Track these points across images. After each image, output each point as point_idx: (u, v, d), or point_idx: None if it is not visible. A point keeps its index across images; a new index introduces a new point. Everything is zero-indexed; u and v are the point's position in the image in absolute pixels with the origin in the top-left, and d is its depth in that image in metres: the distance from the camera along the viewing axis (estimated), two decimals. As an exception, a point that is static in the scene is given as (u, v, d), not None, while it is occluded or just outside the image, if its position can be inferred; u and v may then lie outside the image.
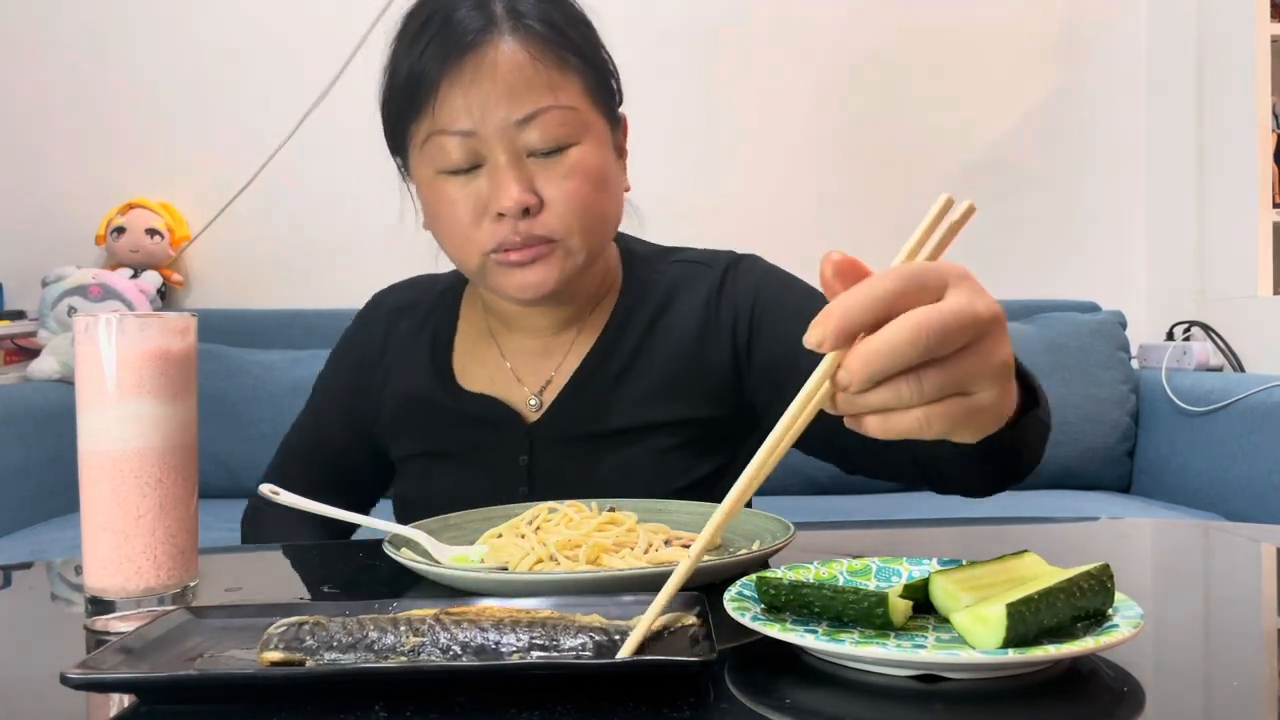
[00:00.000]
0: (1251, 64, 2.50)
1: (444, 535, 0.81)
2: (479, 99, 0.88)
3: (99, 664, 0.50)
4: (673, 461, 0.98)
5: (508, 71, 0.88)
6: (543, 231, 0.91)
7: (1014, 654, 0.49)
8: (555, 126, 0.90)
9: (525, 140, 0.89)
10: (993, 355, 0.54)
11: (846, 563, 0.65)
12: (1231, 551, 0.96)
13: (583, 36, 0.94)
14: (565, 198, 0.90)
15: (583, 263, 0.95)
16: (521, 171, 0.89)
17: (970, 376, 0.53)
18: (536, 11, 0.91)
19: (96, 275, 2.48)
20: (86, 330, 0.64)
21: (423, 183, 0.95)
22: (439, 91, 0.89)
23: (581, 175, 0.91)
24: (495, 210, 0.90)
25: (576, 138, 0.91)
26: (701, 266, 1.05)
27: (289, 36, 2.72)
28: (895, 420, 0.53)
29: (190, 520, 0.66)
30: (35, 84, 2.71)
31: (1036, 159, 2.88)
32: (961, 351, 0.52)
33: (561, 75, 0.90)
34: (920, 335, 0.50)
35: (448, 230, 0.94)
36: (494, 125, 0.89)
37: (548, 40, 0.90)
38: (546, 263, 0.92)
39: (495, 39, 0.89)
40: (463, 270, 0.98)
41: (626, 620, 0.56)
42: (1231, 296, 2.60)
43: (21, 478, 2.09)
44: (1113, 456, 2.43)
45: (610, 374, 1.00)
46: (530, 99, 0.89)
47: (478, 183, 0.91)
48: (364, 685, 0.49)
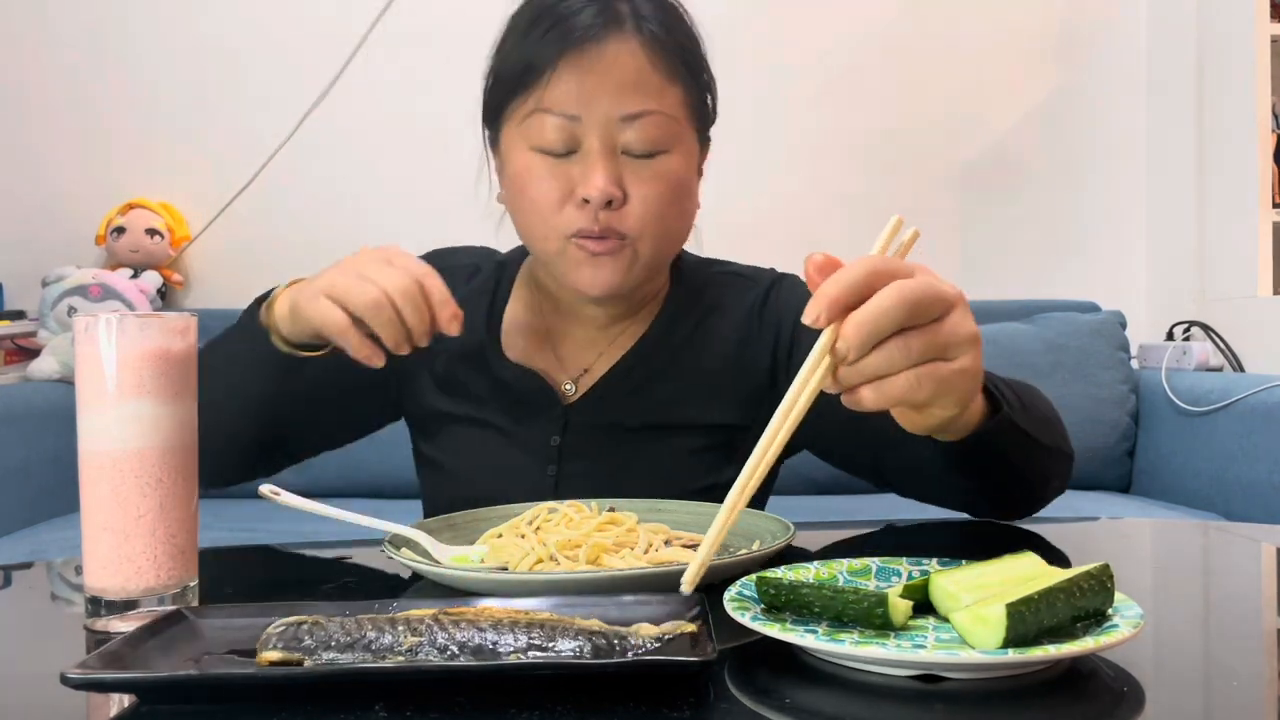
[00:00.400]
0: (1251, 64, 2.50)
1: (444, 535, 0.81)
2: (590, 87, 0.91)
3: (99, 664, 0.50)
4: (699, 463, 1.01)
5: (623, 69, 0.91)
6: (620, 227, 0.93)
7: (1014, 654, 0.49)
8: (654, 130, 0.93)
9: (623, 137, 0.92)
10: (963, 325, 0.63)
11: (846, 563, 0.65)
12: (1231, 551, 0.96)
13: (693, 53, 0.98)
14: (647, 200, 0.93)
15: (647, 268, 0.98)
16: (613, 165, 0.92)
17: (948, 342, 0.62)
18: (658, 20, 0.95)
19: (96, 275, 2.48)
20: (86, 330, 0.64)
21: (513, 156, 0.96)
22: (554, 72, 0.91)
23: (666, 182, 0.94)
24: (581, 195, 0.92)
25: (669, 146, 0.94)
26: (746, 280, 1.09)
27: (289, 36, 2.72)
28: (888, 386, 0.61)
29: (190, 520, 0.66)
30: (35, 84, 2.71)
31: (1037, 159, 2.88)
32: (937, 322, 0.62)
33: (670, 84, 0.94)
34: (903, 299, 0.60)
35: (530, 207, 0.95)
36: (598, 115, 0.92)
37: (664, 48, 0.94)
38: (616, 260, 0.94)
39: (617, 35, 0.92)
40: (537, 250, 0.99)
41: (626, 621, 0.56)
42: (1231, 296, 2.60)
43: (21, 478, 2.09)
44: (1113, 456, 2.43)
45: (650, 370, 1.03)
46: (638, 99, 0.92)
47: (568, 167, 0.93)
48: (364, 685, 0.49)
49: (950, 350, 0.63)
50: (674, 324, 1.05)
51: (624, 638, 0.52)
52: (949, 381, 0.63)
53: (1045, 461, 0.87)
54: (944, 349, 0.62)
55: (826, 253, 0.62)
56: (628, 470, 0.99)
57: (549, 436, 1.01)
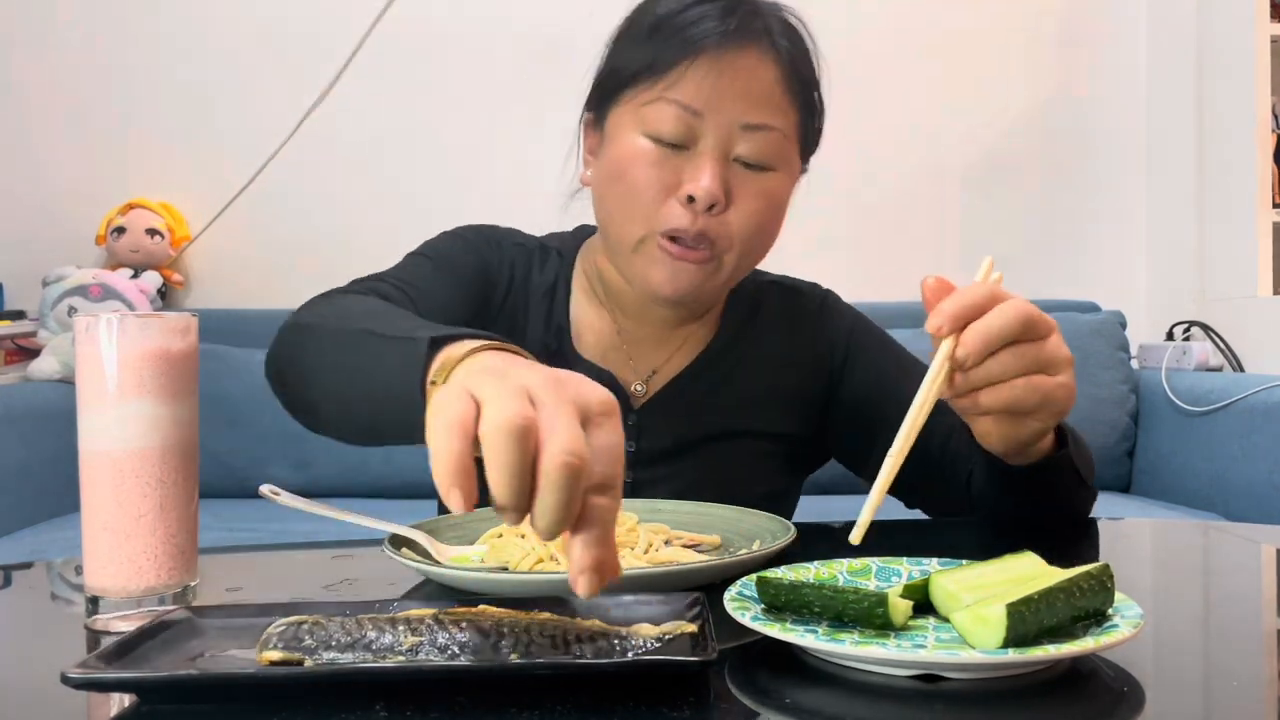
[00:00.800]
0: (1251, 64, 2.50)
1: (444, 535, 0.81)
2: (721, 89, 0.91)
3: (99, 664, 0.50)
4: (758, 468, 1.03)
5: (755, 79, 0.92)
6: (714, 234, 0.93)
7: (1014, 654, 0.49)
8: (768, 146, 0.93)
9: (739, 146, 0.93)
10: (1062, 347, 0.74)
11: (846, 563, 0.65)
12: (1231, 551, 0.96)
13: (814, 81, 1.00)
14: (747, 211, 0.93)
15: (726, 282, 0.98)
16: (724, 169, 0.93)
17: (1052, 359, 0.72)
18: (789, 38, 0.96)
19: (97, 275, 2.47)
20: (87, 330, 0.64)
21: (620, 137, 0.95)
22: (690, 66, 0.91)
23: (768, 199, 0.95)
24: (688, 193, 0.91)
25: (778, 164, 0.95)
26: (797, 293, 1.12)
27: (289, 37, 2.72)
28: (1003, 390, 0.71)
29: (190, 520, 0.66)
30: (35, 84, 2.71)
31: (1037, 159, 2.87)
32: (1041, 341, 0.72)
33: (791, 105, 0.95)
34: (1017, 316, 0.70)
35: (628, 191, 0.93)
36: (721, 118, 0.92)
37: (795, 70, 0.96)
38: (700, 269, 0.94)
39: (757, 47, 0.93)
40: (616, 237, 0.97)
41: (627, 621, 0.56)
42: (1231, 296, 2.60)
43: (21, 478, 2.09)
44: (1113, 456, 2.43)
45: (718, 375, 1.05)
46: (762, 112, 0.93)
47: (678, 160, 0.92)
48: (364, 685, 0.49)
49: (1052, 367, 0.72)
50: (740, 331, 1.07)
51: (624, 638, 0.52)
52: (1052, 394, 0.73)
53: (1085, 498, 0.94)
54: (1048, 364, 0.72)
55: (940, 276, 0.71)
56: (698, 475, 1.00)
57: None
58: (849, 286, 1.21)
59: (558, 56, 2.85)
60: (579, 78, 1.02)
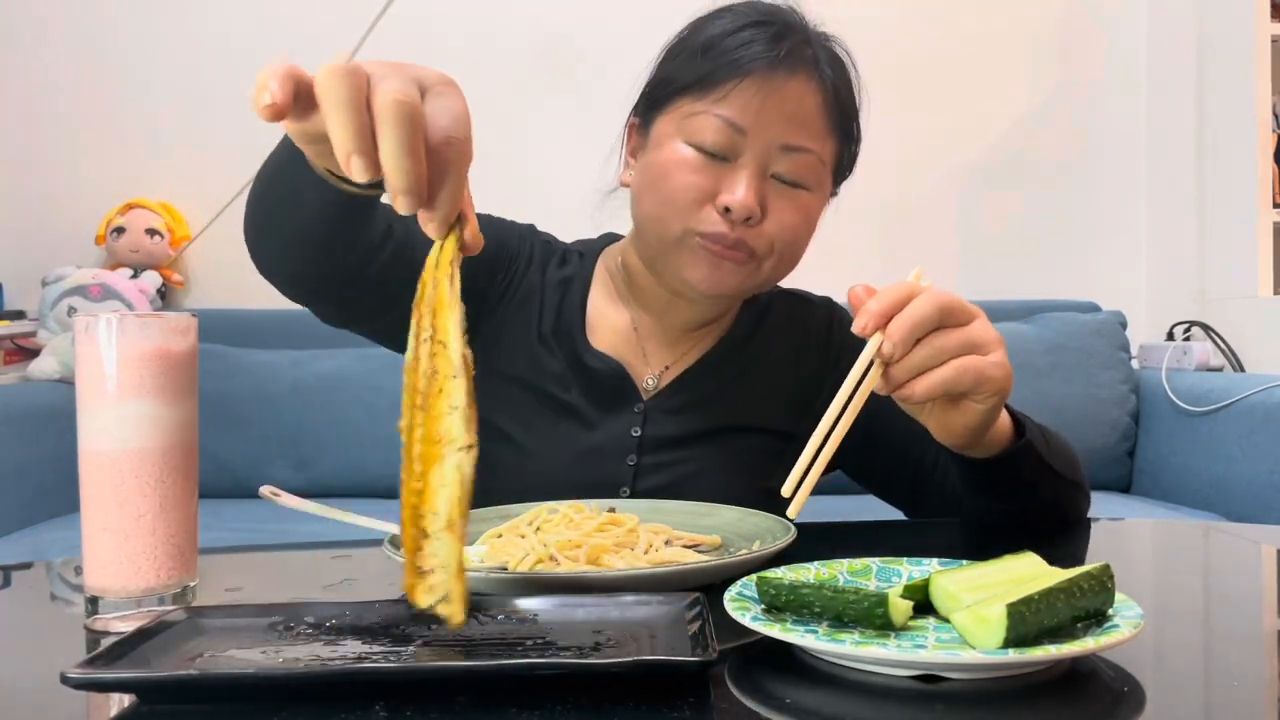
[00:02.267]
0: (1251, 64, 2.50)
1: (444, 535, 0.81)
2: (769, 110, 0.95)
3: (99, 664, 0.50)
4: (761, 463, 1.05)
5: (800, 104, 0.96)
6: (751, 243, 0.96)
7: (1014, 654, 0.49)
8: (805, 167, 0.98)
9: (777, 165, 0.97)
10: (988, 329, 0.76)
11: (847, 563, 0.65)
12: (1231, 551, 0.96)
13: (855, 113, 1.04)
14: (782, 224, 0.97)
15: (757, 288, 1.03)
16: (762, 185, 0.96)
17: (978, 339, 0.75)
18: (839, 77, 1.01)
19: (96, 275, 2.47)
20: (86, 330, 0.64)
21: (665, 143, 0.98)
22: (741, 83, 0.95)
23: (802, 215, 0.99)
24: (725, 203, 0.95)
25: (813, 185, 0.99)
26: (806, 302, 1.17)
27: (289, 36, 2.72)
28: (934, 375, 0.73)
29: (190, 520, 0.66)
30: (35, 84, 2.71)
31: (1037, 159, 2.87)
32: (966, 325, 0.75)
33: (830, 134, 1.00)
34: (936, 304, 0.73)
35: (668, 193, 0.97)
36: (764, 136, 0.95)
37: (837, 99, 1.00)
38: (740, 269, 0.98)
39: (806, 74, 0.97)
40: (655, 236, 0.99)
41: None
42: (1232, 296, 2.60)
43: (21, 478, 2.09)
44: (1113, 456, 2.43)
45: (728, 373, 1.08)
46: (804, 135, 0.97)
47: (718, 171, 0.96)
48: (364, 685, 0.49)
49: (981, 348, 0.75)
50: (750, 333, 1.11)
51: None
52: (985, 372, 0.75)
53: (1067, 493, 0.95)
54: (976, 345, 0.75)
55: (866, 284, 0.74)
56: (701, 464, 1.04)
57: (630, 428, 1.04)
58: (848, 286, 1.21)
59: (559, 56, 2.86)
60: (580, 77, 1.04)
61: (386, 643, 0.55)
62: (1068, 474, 0.94)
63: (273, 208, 0.86)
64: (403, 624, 0.58)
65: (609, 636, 0.55)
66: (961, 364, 0.74)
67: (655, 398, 1.06)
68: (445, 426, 0.53)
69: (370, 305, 0.96)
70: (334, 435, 2.33)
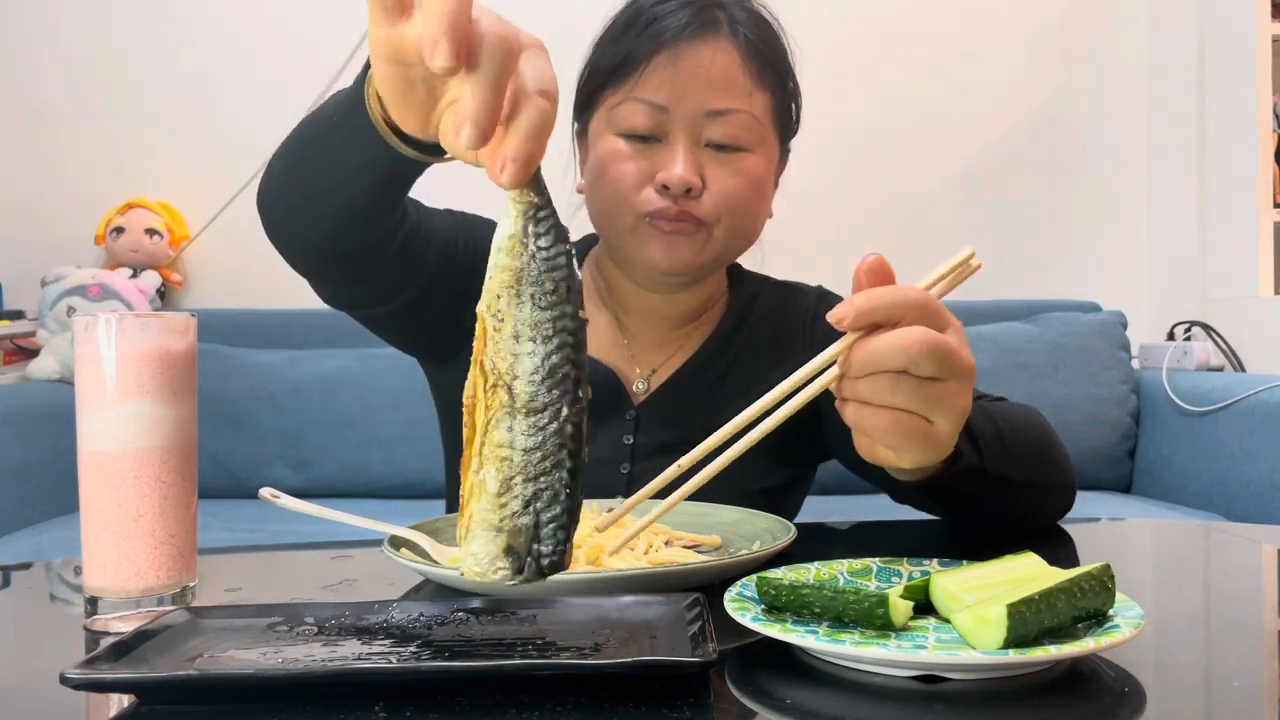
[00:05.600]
0: (1252, 64, 2.50)
1: (443, 536, 0.81)
2: (682, 82, 0.95)
3: (99, 664, 0.50)
4: (757, 464, 1.01)
5: (714, 68, 0.96)
6: (697, 213, 0.96)
7: (1015, 654, 0.49)
8: (738, 128, 0.96)
9: (708, 132, 0.96)
10: (958, 397, 0.65)
11: (847, 563, 0.65)
12: (1231, 551, 0.96)
13: (782, 62, 1.02)
14: (725, 190, 0.97)
15: (718, 256, 1.01)
16: (695, 156, 0.96)
17: (935, 404, 0.64)
18: (751, 28, 0.99)
19: (96, 275, 2.47)
20: (86, 330, 0.64)
21: (599, 141, 1.00)
22: (649, 66, 0.96)
23: (745, 177, 0.98)
24: (662, 181, 0.95)
25: (751, 145, 0.98)
26: (798, 292, 1.14)
27: (289, 36, 2.72)
28: (866, 415, 0.64)
29: (190, 520, 0.66)
30: (36, 84, 2.71)
31: (1037, 159, 2.87)
32: (936, 381, 0.63)
33: (758, 88, 0.98)
34: (921, 346, 0.61)
35: (610, 186, 0.98)
36: (686, 109, 0.95)
37: (755, 54, 0.98)
38: (689, 241, 0.97)
39: (713, 37, 0.96)
40: (610, 230, 1.01)
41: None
42: (1232, 296, 2.60)
43: (21, 478, 2.09)
44: (1113, 456, 2.43)
45: (717, 372, 1.06)
46: (726, 98, 0.96)
47: (652, 153, 0.97)
48: (364, 685, 0.49)
49: (933, 413, 0.64)
50: (738, 329, 1.09)
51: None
52: (917, 441, 0.65)
53: (1029, 498, 0.88)
54: (929, 409, 0.64)
55: (881, 256, 0.64)
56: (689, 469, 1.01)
57: (621, 434, 1.03)
58: (848, 286, 1.21)
59: (559, 56, 2.86)
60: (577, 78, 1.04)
61: (386, 643, 0.55)
62: (1038, 478, 0.87)
63: (313, 171, 0.84)
64: (402, 624, 0.58)
65: (609, 637, 0.55)
66: (897, 421, 0.64)
67: (646, 403, 1.05)
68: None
69: (380, 286, 0.95)
70: (333, 435, 2.33)
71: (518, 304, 0.47)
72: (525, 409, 0.47)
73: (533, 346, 0.47)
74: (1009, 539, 0.87)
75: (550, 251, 0.48)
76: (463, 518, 0.49)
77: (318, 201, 0.85)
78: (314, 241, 0.89)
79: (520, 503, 0.47)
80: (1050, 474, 0.90)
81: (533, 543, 0.47)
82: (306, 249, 0.91)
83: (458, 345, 1.05)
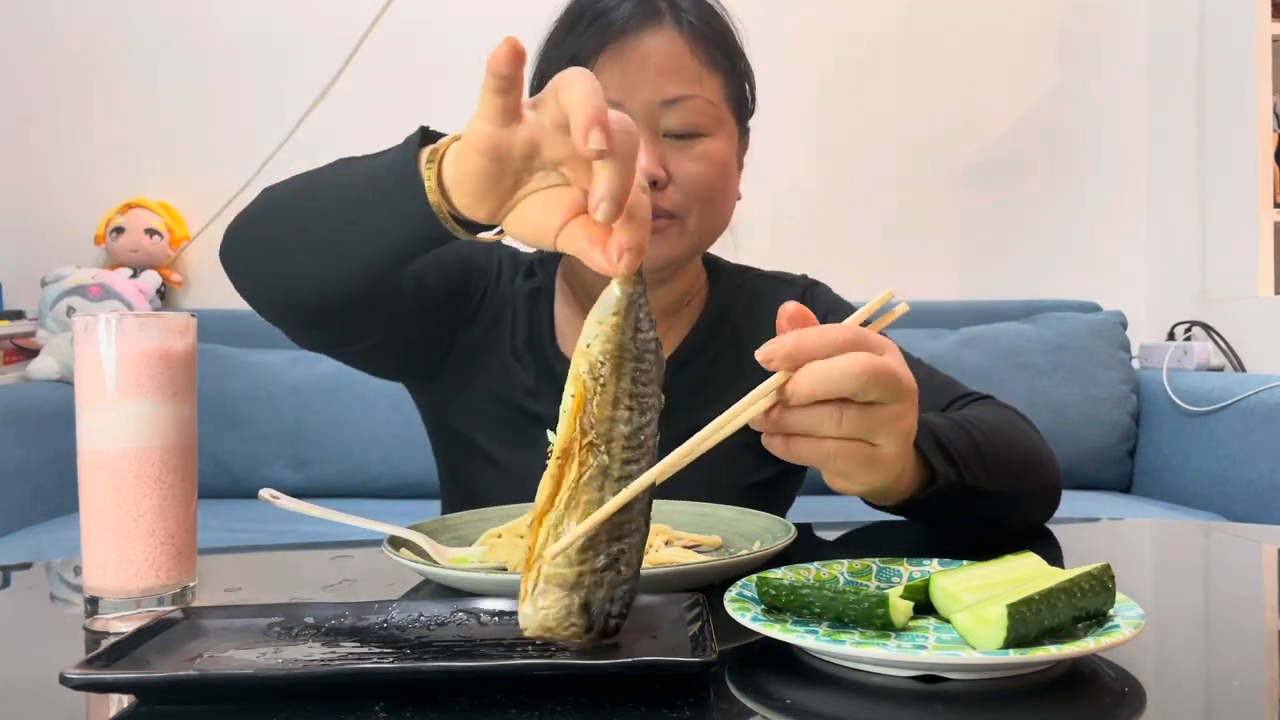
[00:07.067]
0: (1252, 64, 2.50)
1: (443, 536, 0.81)
2: (632, 75, 0.95)
3: (99, 664, 0.50)
4: (743, 460, 1.02)
5: (662, 57, 0.96)
6: (667, 205, 0.96)
7: (1015, 654, 0.49)
8: (695, 114, 0.96)
9: (665, 121, 0.96)
10: (903, 418, 0.65)
11: (847, 563, 0.65)
12: (1231, 551, 0.96)
13: (730, 43, 1.02)
14: (691, 178, 0.96)
15: (694, 246, 1.01)
16: (655, 147, 0.95)
17: (880, 428, 0.63)
18: (694, 13, 0.99)
19: (96, 275, 2.47)
20: (86, 330, 0.64)
21: None
22: (596, 63, 0.95)
23: (708, 162, 0.97)
24: None
25: (710, 129, 0.98)
26: (782, 283, 1.13)
27: (289, 36, 2.72)
28: (804, 446, 0.62)
29: (190, 520, 0.66)
30: (35, 84, 2.71)
31: (1037, 159, 2.87)
32: (878, 406, 0.62)
33: (708, 72, 0.98)
34: (863, 371, 0.60)
35: None
36: (640, 101, 0.95)
37: (702, 38, 0.98)
38: (663, 236, 0.97)
39: (655, 26, 0.96)
40: None
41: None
42: (1232, 296, 2.60)
43: (21, 478, 2.09)
44: (1113, 456, 2.43)
45: (698, 370, 1.05)
46: (678, 85, 0.96)
47: None
48: (364, 685, 0.49)
49: (877, 435, 0.64)
50: (718, 324, 1.08)
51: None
52: (866, 464, 0.65)
53: (1012, 507, 0.88)
54: (872, 433, 0.63)
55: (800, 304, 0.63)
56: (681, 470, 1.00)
57: None
58: (848, 286, 1.21)
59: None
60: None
61: (386, 643, 0.55)
62: (1015, 487, 0.86)
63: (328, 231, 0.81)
64: (402, 624, 0.58)
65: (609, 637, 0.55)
66: (841, 448, 0.63)
67: None
68: None
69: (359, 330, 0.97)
70: (333, 435, 2.33)
71: (619, 375, 0.53)
72: (618, 474, 0.52)
73: (629, 415, 0.52)
74: (1009, 539, 0.87)
75: (648, 335, 0.54)
76: (531, 570, 0.51)
77: (328, 259, 0.82)
78: (306, 295, 0.88)
79: (604, 561, 0.51)
80: (1032, 479, 0.89)
81: (607, 602, 0.51)
82: (291, 300, 0.91)
83: (436, 367, 1.07)
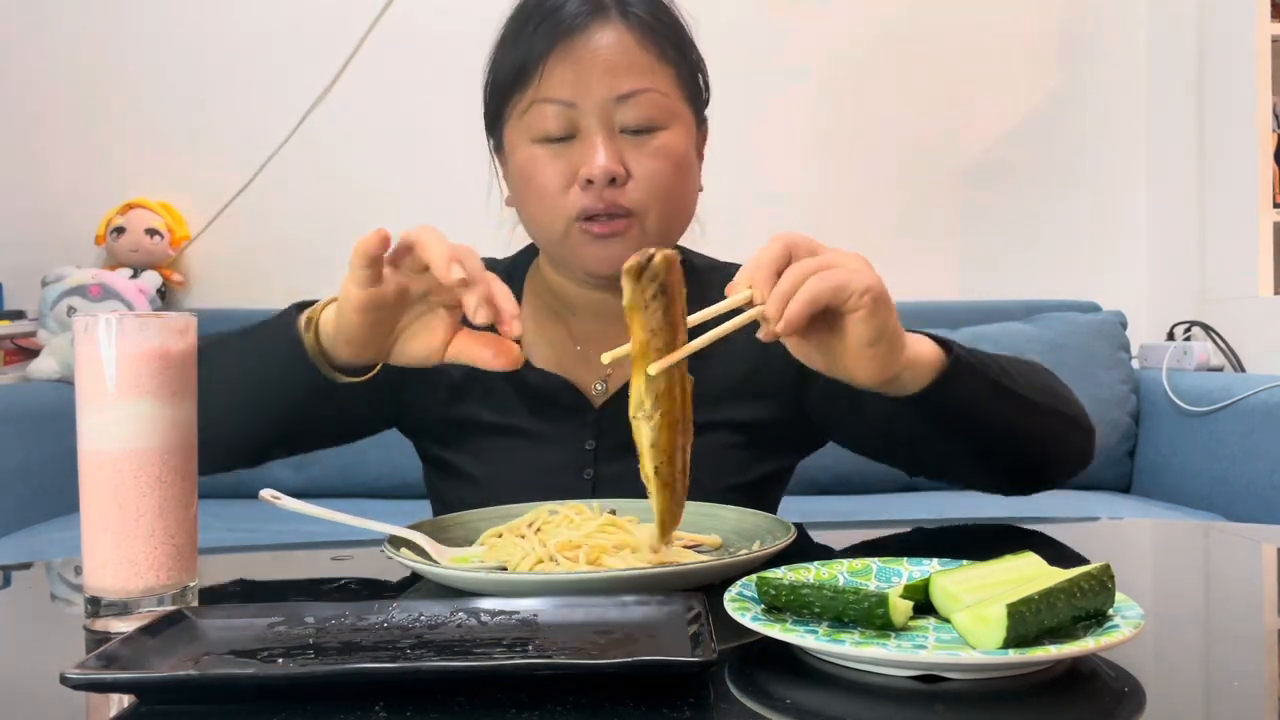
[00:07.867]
0: (1252, 64, 2.50)
1: (443, 536, 0.81)
2: (583, 74, 0.94)
3: (99, 664, 0.50)
4: (731, 459, 1.01)
5: (612, 53, 0.95)
6: (626, 203, 0.95)
7: (1014, 654, 0.49)
8: (649, 108, 0.96)
9: (620, 117, 0.95)
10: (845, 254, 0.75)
11: (847, 563, 0.65)
12: (1231, 551, 0.96)
13: (680, 34, 1.01)
14: (649, 174, 0.96)
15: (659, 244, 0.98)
16: (613, 144, 0.95)
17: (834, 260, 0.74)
18: (642, 5, 0.98)
19: (96, 275, 2.47)
20: (86, 330, 0.64)
21: (516, 152, 0.99)
22: (546, 64, 0.95)
23: (666, 157, 0.97)
24: (584, 176, 0.94)
25: (666, 122, 0.97)
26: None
27: (289, 36, 2.72)
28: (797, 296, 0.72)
29: (190, 520, 0.66)
30: (35, 84, 2.71)
31: (1037, 159, 2.87)
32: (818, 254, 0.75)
33: (660, 64, 0.97)
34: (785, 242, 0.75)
35: (536, 197, 0.97)
36: (594, 99, 0.94)
37: (651, 30, 0.97)
38: (625, 239, 0.96)
39: (604, 22, 0.96)
40: (544, 238, 1.01)
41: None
42: (1232, 296, 2.60)
43: (21, 478, 2.09)
44: (1113, 456, 2.43)
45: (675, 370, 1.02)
46: (630, 79, 0.95)
47: (570, 152, 0.96)
48: (364, 685, 0.49)
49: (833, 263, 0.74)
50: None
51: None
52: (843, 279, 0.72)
53: (1042, 422, 0.90)
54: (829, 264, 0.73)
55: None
56: None
57: (583, 440, 1.01)
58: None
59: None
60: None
61: (386, 643, 0.55)
62: (1035, 396, 0.89)
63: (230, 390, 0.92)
64: (402, 624, 0.58)
65: (609, 637, 0.55)
66: (819, 277, 0.72)
67: (606, 405, 1.01)
68: None
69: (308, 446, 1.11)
70: (334, 435, 2.32)
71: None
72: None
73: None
74: (1008, 539, 0.87)
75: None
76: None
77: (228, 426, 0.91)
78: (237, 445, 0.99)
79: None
80: (1058, 405, 0.92)
81: None
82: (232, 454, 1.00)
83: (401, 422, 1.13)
